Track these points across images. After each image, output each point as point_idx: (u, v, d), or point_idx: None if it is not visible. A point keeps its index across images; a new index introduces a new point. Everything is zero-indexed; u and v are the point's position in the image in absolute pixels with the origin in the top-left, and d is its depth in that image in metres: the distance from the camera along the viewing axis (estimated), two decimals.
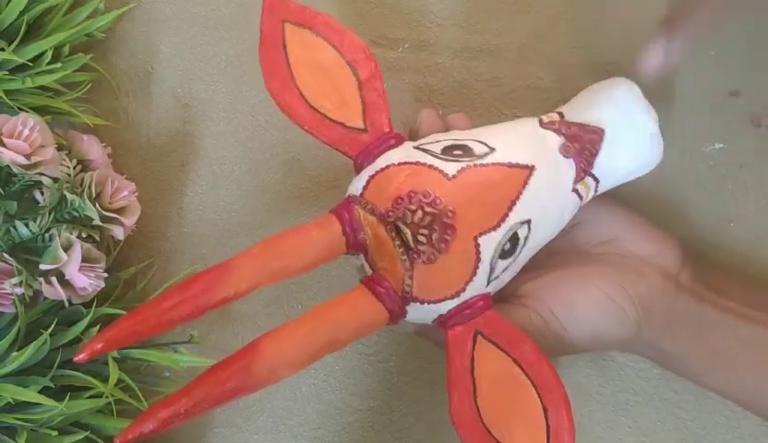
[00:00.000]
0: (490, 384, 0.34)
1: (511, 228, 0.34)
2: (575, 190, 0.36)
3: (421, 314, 0.35)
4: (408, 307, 0.35)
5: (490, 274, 0.35)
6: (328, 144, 0.36)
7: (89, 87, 0.44)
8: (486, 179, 0.34)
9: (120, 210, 0.41)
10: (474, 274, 0.34)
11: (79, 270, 0.38)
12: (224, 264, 0.33)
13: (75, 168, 0.40)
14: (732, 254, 0.42)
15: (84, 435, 0.39)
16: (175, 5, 0.47)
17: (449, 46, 0.45)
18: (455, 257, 0.34)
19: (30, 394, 0.37)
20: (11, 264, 0.37)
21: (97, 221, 0.39)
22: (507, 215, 0.34)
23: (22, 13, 0.41)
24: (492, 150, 0.35)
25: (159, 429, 0.30)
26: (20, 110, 0.40)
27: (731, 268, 0.42)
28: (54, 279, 0.38)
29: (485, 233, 0.34)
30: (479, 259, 0.34)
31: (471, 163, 0.35)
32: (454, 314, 0.34)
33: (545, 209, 0.36)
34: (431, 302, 0.34)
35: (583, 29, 0.44)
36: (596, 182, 0.37)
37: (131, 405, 0.40)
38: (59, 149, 0.40)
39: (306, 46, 0.37)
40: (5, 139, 0.37)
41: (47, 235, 0.39)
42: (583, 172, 0.36)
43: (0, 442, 0.37)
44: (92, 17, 0.44)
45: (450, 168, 0.34)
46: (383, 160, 0.36)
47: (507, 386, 0.34)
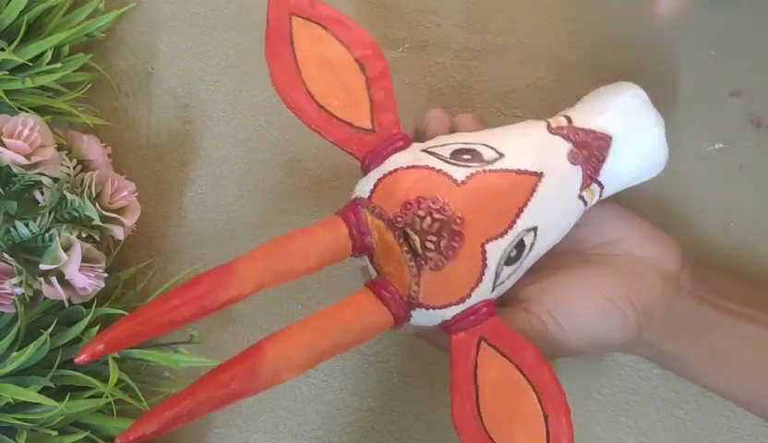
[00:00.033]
0: (492, 389, 0.34)
1: (518, 235, 0.34)
2: (581, 197, 0.36)
3: (425, 319, 0.35)
4: (413, 312, 0.35)
5: (495, 280, 0.34)
6: (334, 144, 0.36)
7: (89, 87, 0.44)
8: (495, 186, 0.34)
9: (120, 210, 0.40)
10: (480, 281, 0.34)
11: (79, 270, 0.38)
12: (228, 265, 0.33)
13: (75, 168, 0.40)
14: (732, 254, 0.42)
15: (84, 435, 0.39)
16: (175, 5, 0.47)
17: (449, 46, 0.45)
18: (462, 264, 0.34)
19: (30, 394, 0.37)
20: (11, 264, 0.37)
21: (97, 221, 0.39)
22: (514, 222, 0.34)
23: (22, 13, 0.41)
24: (501, 156, 0.35)
25: (161, 430, 0.30)
26: (20, 110, 0.40)
27: (731, 268, 0.42)
28: (54, 279, 0.38)
29: (492, 240, 0.34)
30: (485, 266, 0.34)
31: (480, 169, 0.34)
32: (459, 319, 0.34)
33: (551, 216, 0.35)
34: (436, 307, 0.34)
35: (583, 29, 0.44)
36: (601, 188, 0.37)
37: (131, 405, 0.40)
38: (59, 149, 0.40)
39: (315, 41, 0.36)
40: (5, 139, 0.37)
41: (47, 235, 0.39)
42: (590, 179, 0.36)
43: (0, 442, 0.37)
44: (92, 17, 0.44)
45: (459, 173, 0.34)
46: (391, 162, 0.35)
47: (508, 391, 0.34)
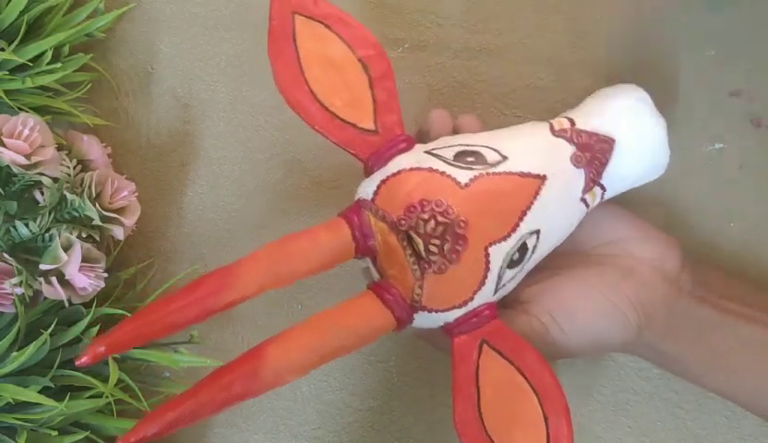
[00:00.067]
0: (494, 392, 0.34)
1: (521, 238, 0.34)
2: (583, 200, 0.36)
3: (428, 321, 0.35)
4: (416, 315, 0.34)
5: (498, 283, 0.34)
6: (337, 145, 0.35)
7: (89, 87, 0.44)
8: (499, 188, 0.34)
9: (120, 210, 0.40)
10: (483, 284, 0.34)
11: (79, 270, 0.38)
12: (230, 267, 0.33)
13: (75, 168, 0.40)
14: (732, 254, 0.42)
15: (84, 435, 0.39)
16: (175, 5, 0.47)
17: (449, 46, 0.45)
18: (465, 268, 0.34)
19: (30, 394, 0.37)
20: (11, 264, 0.37)
21: (97, 221, 0.39)
22: (518, 225, 0.34)
23: (22, 13, 0.41)
24: (504, 159, 0.35)
25: (162, 432, 0.30)
26: (20, 110, 0.40)
27: (731, 268, 0.42)
28: (54, 279, 0.38)
29: (495, 244, 0.34)
30: (488, 269, 0.34)
31: (483, 172, 0.34)
32: (461, 322, 0.34)
33: (554, 219, 0.35)
34: (439, 311, 0.34)
35: (583, 29, 0.43)
36: (603, 191, 0.37)
37: (131, 405, 0.40)
38: (59, 149, 0.40)
39: (317, 40, 0.36)
40: (5, 139, 0.37)
41: (47, 235, 0.39)
42: (593, 181, 0.36)
43: (0, 442, 0.37)
44: (92, 17, 0.44)
45: (463, 176, 0.34)
46: (394, 164, 0.35)
47: (509, 394, 0.34)
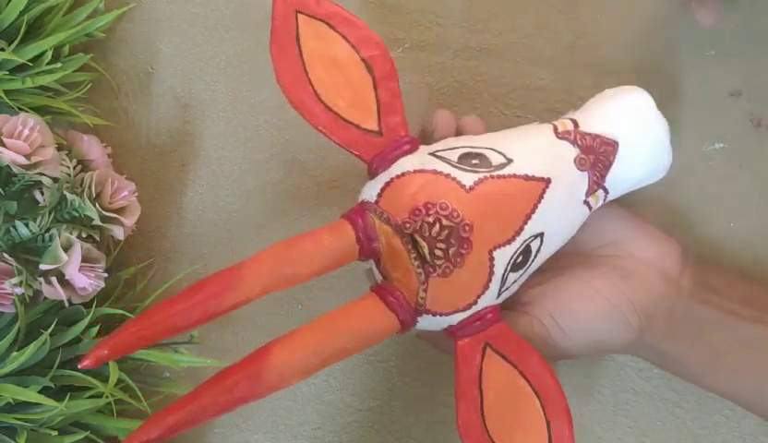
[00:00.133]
0: (497, 395, 0.34)
1: (525, 241, 0.34)
2: (586, 202, 0.36)
3: (431, 324, 0.35)
4: (419, 318, 0.34)
5: (501, 287, 0.34)
6: (341, 146, 0.35)
7: (89, 87, 0.44)
8: (503, 192, 0.34)
9: (120, 210, 0.40)
10: (487, 288, 0.34)
11: (79, 270, 0.38)
12: (234, 269, 0.32)
13: (75, 168, 0.40)
14: (732, 254, 0.42)
15: (84, 435, 0.39)
16: (175, 5, 0.47)
17: (449, 46, 0.45)
18: (469, 271, 0.34)
19: (30, 394, 0.37)
20: (11, 264, 0.37)
21: (97, 221, 0.39)
22: (522, 229, 0.34)
23: (22, 13, 0.41)
24: (509, 162, 0.35)
25: (164, 436, 0.30)
26: (20, 110, 0.40)
27: (731, 268, 0.42)
28: (54, 279, 0.38)
29: (499, 247, 0.34)
30: (492, 273, 0.34)
31: (488, 175, 0.34)
32: (464, 325, 0.34)
33: (557, 221, 0.35)
34: (443, 314, 0.34)
35: (583, 29, 0.43)
36: (606, 193, 0.37)
37: (131, 405, 0.40)
38: (59, 149, 0.40)
39: (321, 39, 0.35)
40: (5, 139, 0.37)
41: (47, 235, 0.39)
42: (596, 184, 0.36)
43: (0, 442, 0.37)
44: (92, 17, 0.44)
45: (468, 179, 0.34)
46: (398, 166, 0.35)
47: (512, 397, 0.34)
